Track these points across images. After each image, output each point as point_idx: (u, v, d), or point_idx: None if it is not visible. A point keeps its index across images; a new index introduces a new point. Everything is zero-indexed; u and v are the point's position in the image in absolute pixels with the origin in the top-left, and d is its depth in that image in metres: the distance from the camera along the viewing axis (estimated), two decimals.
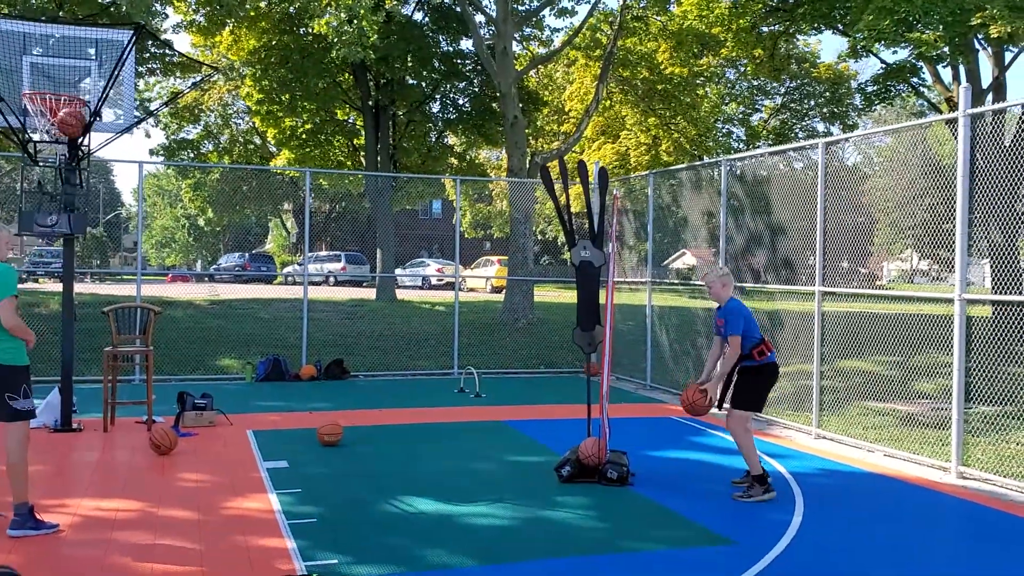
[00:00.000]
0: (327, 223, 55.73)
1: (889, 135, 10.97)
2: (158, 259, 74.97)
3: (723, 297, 7.31)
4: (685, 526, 6.36)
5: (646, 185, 13.83)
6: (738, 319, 7.12)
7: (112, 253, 70.77)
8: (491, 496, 7.01)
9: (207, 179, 49.98)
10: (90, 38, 8.73)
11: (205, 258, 67.88)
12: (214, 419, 9.77)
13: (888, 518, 6.67)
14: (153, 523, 6.15)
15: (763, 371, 7.23)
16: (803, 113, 32.36)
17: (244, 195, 49.38)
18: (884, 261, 27.11)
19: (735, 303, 7.27)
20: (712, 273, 7.43)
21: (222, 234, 64.21)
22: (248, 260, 43.68)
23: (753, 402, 7.23)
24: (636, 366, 14.05)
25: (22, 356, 5.90)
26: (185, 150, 29.82)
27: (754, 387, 7.22)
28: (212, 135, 33.60)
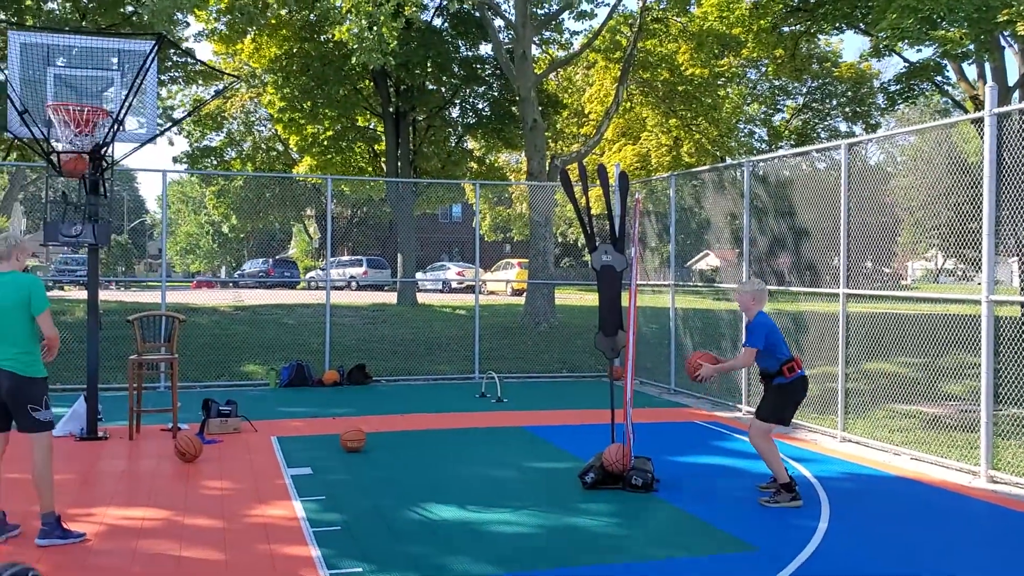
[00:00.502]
0: (349, 228, 55.99)
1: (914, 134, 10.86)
2: (183, 265, 75.58)
3: (751, 312, 7.24)
4: (710, 532, 6.31)
5: (668, 187, 13.78)
6: (759, 334, 7.05)
7: (137, 260, 71.46)
8: (514, 503, 6.99)
9: (231, 186, 50.36)
10: (113, 48, 8.80)
11: (229, 264, 68.35)
12: (239, 426, 9.82)
13: (916, 523, 6.59)
14: (179, 531, 6.18)
15: (794, 388, 7.16)
16: (825, 113, 32.10)
17: (267, 201, 49.72)
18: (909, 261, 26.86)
19: (762, 318, 7.19)
20: (744, 286, 7.39)
21: (246, 240, 64.63)
22: (272, 266, 43.98)
23: (776, 415, 7.17)
24: (660, 369, 13.99)
25: (42, 367, 5.95)
26: (208, 157, 30.01)
27: (781, 401, 7.16)
28: (235, 142, 33.84)
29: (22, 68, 8.51)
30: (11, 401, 5.83)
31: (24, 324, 5.82)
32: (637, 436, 9.16)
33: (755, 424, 7.19)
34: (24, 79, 8.52)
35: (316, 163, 23.55)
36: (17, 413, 5.86)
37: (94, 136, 8.40)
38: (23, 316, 5.81)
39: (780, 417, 7.19)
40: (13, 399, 5.82)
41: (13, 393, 5.80)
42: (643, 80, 23.72)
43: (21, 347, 5.81)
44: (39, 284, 5.89)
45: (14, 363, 5.79)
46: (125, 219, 76.21)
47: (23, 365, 5.82)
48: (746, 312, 7.29)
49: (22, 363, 5.81)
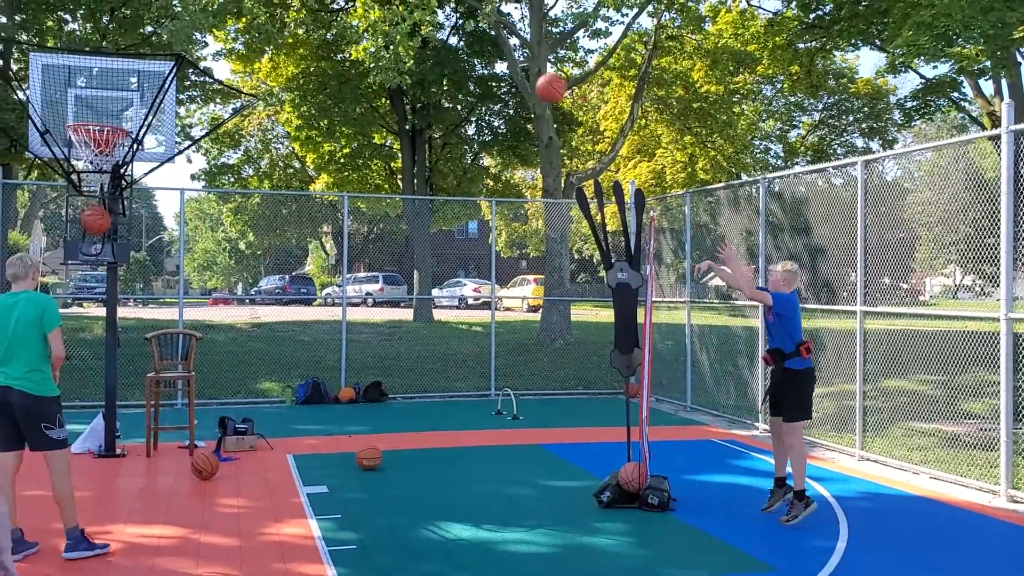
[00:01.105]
0: (365, 245, 56.21)
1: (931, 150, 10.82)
2: (200, 282, 76.02)
3: (780, 291, 7.22)
4: (726, 552, 6.27)
5: (683, 204, 13.77)
6: (781, 296, 7.06)
7: (155, 277, 71.93)
8: (529, 522, 6.98)
9: (248, 203, 50.68)
10: (132, 69, 8.91)
11: (246, 281, 68.67)
12: (255, 443, 9.84)
13: (935, 544, 6.53)
14: (195, 549, 6.20)
15: (806, 378, 7.15)
16: (841, 129, 32.06)
17: (284, 218, 50.00)
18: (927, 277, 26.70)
19: (792, 295, 7.19)
20: (779, 264, 7.38)
21: (263, 257, 64.97)
22: (288, 282, 44.17)
23: (805, 410, 7.15)
24: (676, 387, 13.94)
25: (54, 386, 6.00)
26: (226, 175, 30.27)
27: (803, 395, 7.14)
28: (252, 160, 34.13)
29: (43, 89, 8.63)
30: (24, 420, 5.86)
31: (37, 343, 5.87)
32: (653, 454, 9.13)
33: (790, 427, 7.11)
34: (45, 100, 8.63)
35: (333, 180, 23.68)
36: (30, 432, 5.89)
37: (113, 156, 8.48)
38: (36, 335, 5.87)
39: (807, 408, 7.14)
40: (26, 418, 5.85)
41: (25, 412, 5.84)
42: (658, 97, 23.77)
43: (33, 366, 5.86)
44: (52, 303, 5.95)
45: (25, 382, 5.83)
46: (143, 236, 76.75)
47: (34, 384, 5.86)
48: (775, 288, 7.26)
49: (33, 382, 5.85)
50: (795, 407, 7.11)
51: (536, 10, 18.49)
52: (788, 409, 7.14)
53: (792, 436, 7.13)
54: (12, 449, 5.99)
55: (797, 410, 7.11)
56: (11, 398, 5.82)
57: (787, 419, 7.15)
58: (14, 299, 5.95)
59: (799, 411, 7.12)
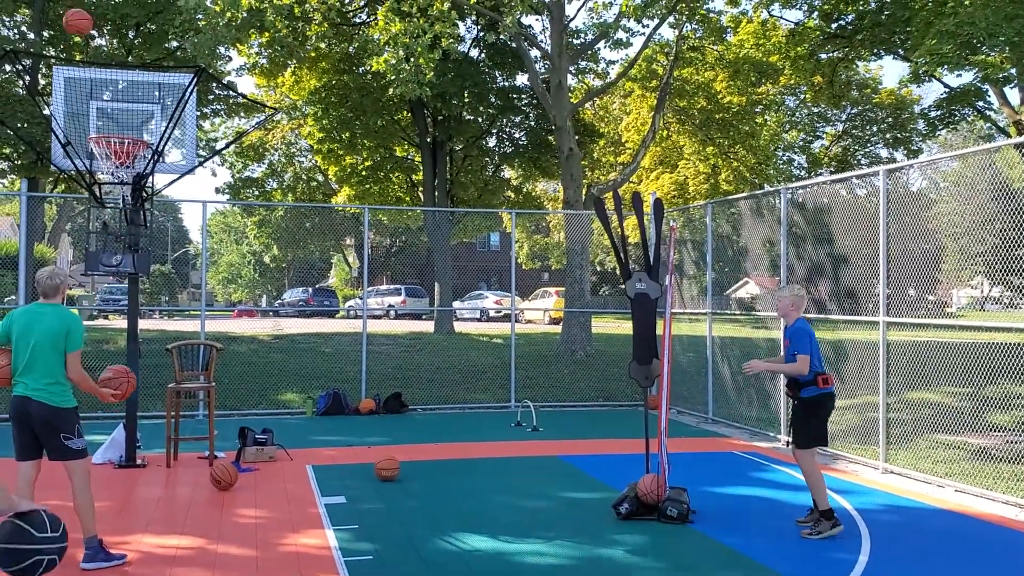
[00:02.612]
0: (387, 257, 56.38)
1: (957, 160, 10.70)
2: (224, 295, 76.53)
3: (791, 317, 7.18)
4: (747, 566, 6.19)
5: (704, 215, 13.70)
6: (804, 340, 6.98)
7: (180, 289, 72.47)
8: (547, 534, 6.92)
9: (272, 216, 51.05)
10: (154, 82, 8.99)
11: (270, 293, 69.06)
12: (274, 454, 9.85)
13: (959, 558, 6.41)
14: (212, 559, 6.19)
15: (823, 403, 7.08)
16: (865, 139, 31.81)
17: (307, 231, 50.34)
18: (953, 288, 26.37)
19: (802, 323, 7.14)
20: (786, 289, 7.33)
21: (287, 270, 65.36)
22: (311, 295, 44.37)
23: (819, 437, 7.09)
24: (697, 399, 13.84)
25: (71, 398, 6.02)
26: (250, 188, 30.49)
27: (817, 421, 7.09)
28: (276, 173, 34.34)
29: (66, 102, 8.72)
30: (42, 431, 5.88)
31: (59, 356, 5.90)
32: (673, 466, 9.05)
33: (802, 453, 7.07)
34: (68, 112, 8.73)
35: (354, 193, 23.78)
36: (48, 443, 5.91)
37: (134, 167, 8.55)
38: (59, 349, 5.90)
39: (821, 436, 7.08)
40: (44, 429, 5.87)
41: (44, 423, 5.86)
42: (679, 108, 23.72)
43: (53, 378, 5.88)
44: (78, 322, 5.97)
45: (43, 393, 5.86)
46: (169, 249, 77.45)
47: (53, 395, 5.87)
48: (785, 318, 7.21)
49: (52, 393, 5.87)
50: (804, 433, 7.06)
51: (557, 21, 18.52)
52: (799, 434, 7.09)
53: (803, 462, 7.07)
54: (31, 458, 6.02)
55: (807, 437, 7.05)
56: (30, 409, 5.85)
57: (798, 444, 7.09)
58: (42, 311, 5.99)
59: (808, 438, 7.06)
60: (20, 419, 5.91)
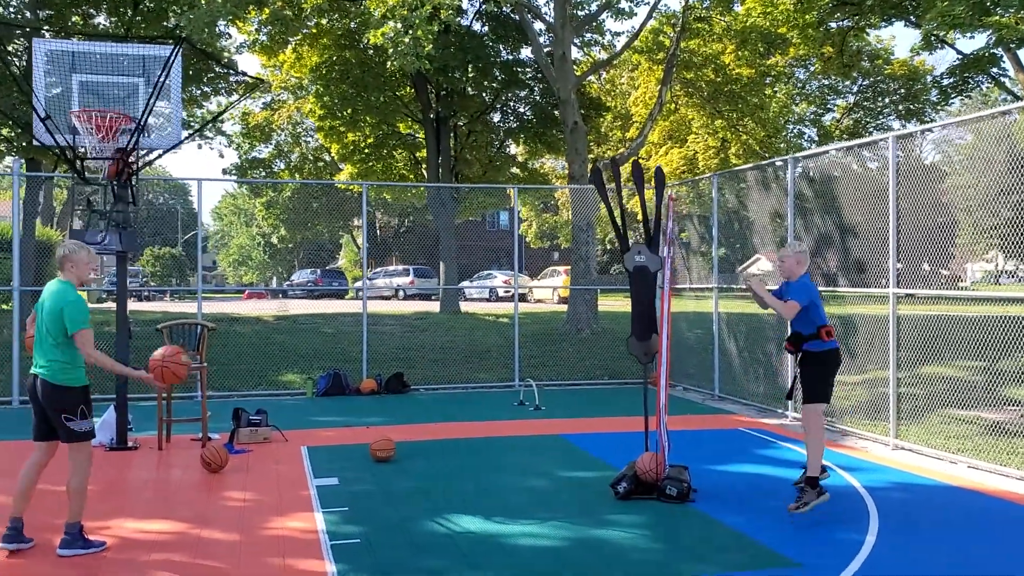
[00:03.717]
0: (396, 238, 56.10)
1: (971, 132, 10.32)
2: (235, 277, 76.54)
3: (795, 273, 6.88)
4: (748, 547, 5.94)
5: (711, 187, 13.37)
6: (802, 292, 6.69)
7: (191, 272, 72.49)
8: (542, 514, 6.69)
9: (280, 197, 50.82)
10: (138, 55, 8.72)
11: (281, 275, 68.97)
12: (269, 435, 9.65)
13: (971, 536, 6.14)
14: (193, 544, 5.99)
15: (827, 359, 6.79)
16: (877, 111, 31.26)
17: (315, 212, 50.03)
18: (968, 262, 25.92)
19: (806, 279, 6.84)
20: (789, 248, 7.01)
21: (295, 251, 65.22)
22: (320, 276, 44.25)
23: (824, 393, 6.80)
24: (704, 376, 13.57)
25: (78, 377, 5.85)
26: (257, 169, 30.23)
27: (822, 377, 6.80)
28: (283, 153, 34.06)
29: (47, 76, 8.47)
30: (48, 409, 5.79)
31: (60, 334, 5.75)
32: (677, 444, 8.79)
33: (808, 408, 6.76)
34: (49, 87, 8.47)
35: (357, 171, 23.49)
36: (55, 422, 5.79)
37: (117, 142, 8.31)
38: (56, 325, 5.75)
39: (826, 393, 6.79)
40: (49, 407, 5.78)
41: (48, 401, 5.77)
42: (687, 80, 23.27)
43: (55, 355, 5.77)
44: (74, 303, 5.74)
45: (46, 371, 5.77)
46: (179, 231, 77.42)
47: (53, 373, 5.76)
48: (789, 275, 6.90)
49: (52, 371, 5.76)
50: (811, 387, 6.77)
51: None
52: (806, 390, 6.80)
53: (808, 420, 6.78)
54: (42, 439, 5.93)
55: (813, 391, 6.76)
56: (37, 386, 5.81)
57: (805, 399, 6.80)
58: (51, 288, 5.90)
59: (815, 393, 6.76)
60: (32, 397, 5.88)
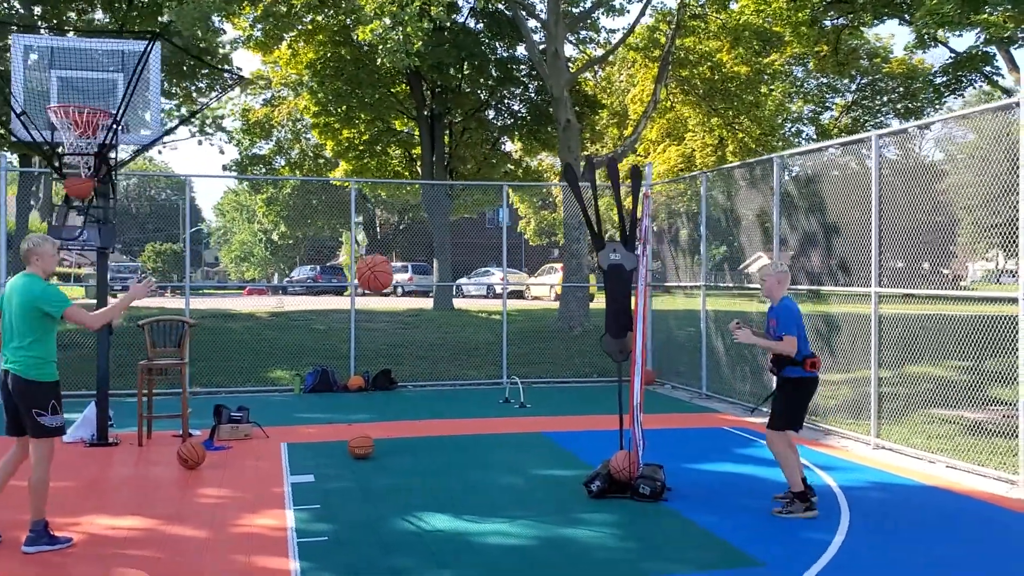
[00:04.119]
0: (396, 234, 56.03)
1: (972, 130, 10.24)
2: (237, 273, 76.54)
3: (776, 295, 6.85)
4: (714, 546, 5.92)
5: (709, 185, 13.30)
6: (791, 320, 6.65)
7: (193, 268, 72.46)
8: (514, 513, 6.68)
9: (280, 194, 50.84)
10: (117, 50, 8.70)
11: (283, 271, 68.97)
12: (250, 432, 9.64)
13: (941, 536, 6.12)
14: (160, 541, 5.98)
15: (805, 385, 6.76)
16: (876, 110, 31.14)
17: (315, 209, 50.02)
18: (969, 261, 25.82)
19: (789, 302, 6.82)
20: (770, 267, 6.98)
21: (296, 248, 65.22)
22: (319, 272, 44.29)
23: (793, 420, 6.77)
24: (692, 374, 13.53)
25: (49, 372, 5.84)
26: (256, 165, 30.21)
27: (794, 404, 6.77)
28: (283, 150, 34.01)
29: (26, 71, 8.45)
30: (19, 404, 5.77)
31: (27, 327, 5.74)
32: (657, 443, 8.80)
33: (773, 434, 6.77)
34: (27, 82, 8.46)
35: (352, 168, 23.47)
36: (25, 417, 5.77)
37: (96, 138, 8.29)
38: (26, 319, 5.73)
39: (797, 420, 6.77)
40: (20, 402, 5.77)
41: (19, 396, 5.76)
42: (683, 78, 23.21)
43: (25, 350, 5.74)
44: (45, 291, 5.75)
45: (16, 365, 5.76)
46: (181, 227, 77.40)
47: (24, 368, 5.74)
48: (770, 295, 6.87)
49: (23, 365, 5.74)
50: (783, 413, 6.75)
51: None
52: (774, 414, 6.79)
53: (774, 444, 6.76)
54: (16, 435, 5.92)
55: (782, 419, 6.74)
56: (8, 381, 5.79)
57: (771, 424, 6.78)
58: (17, 281, 5.87)
59: (782, 419, 6.74)
60: (4, 392, 5.85)
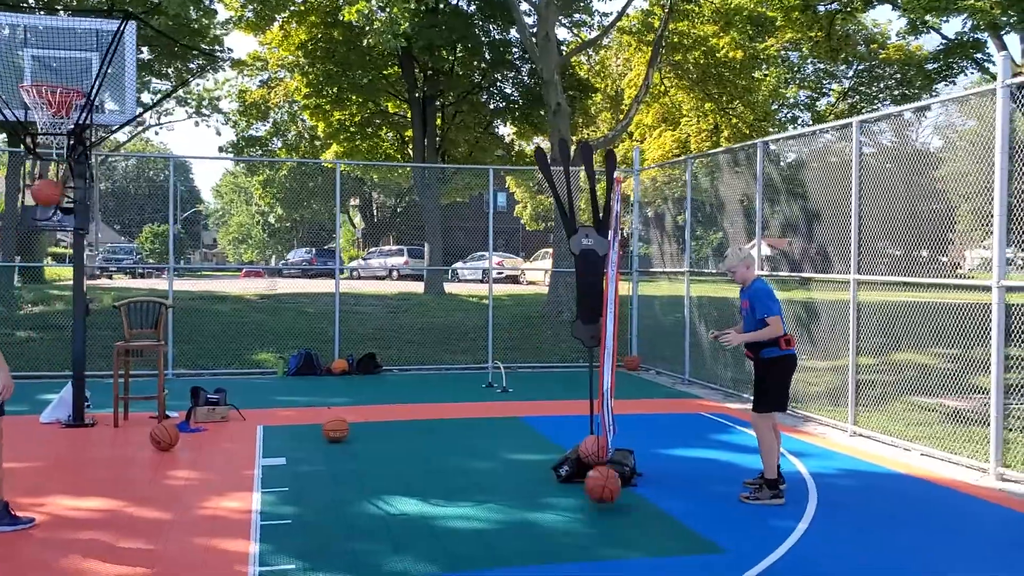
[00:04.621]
0: (393, 217, 55.96)
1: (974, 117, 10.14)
2: (235, 255, 76.52)
3: (748, 278, 6.83)
4: (677, 532, 5.91)
5: (703, 170, 13.24)
6: (768, 301, 6.62)
7: (191, 250, 72.44)
8: (480, 497, 6.67)
9: (276, 176, 50.72)
10: (92, 28, 8.63)
11: (280, 254, 68.94)
12: (226, 414, 9.63)
13: (906, 525, 6.10)
14: (123, 523, 5.97)
15: (785, 364, 6.74)
16: (872, 96, 30.98)
17: (311, 191, 49.98)
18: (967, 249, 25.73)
19: (760, 283, 6.79)
20: (733, 256, 6.93)
21: (294, 230, 65.17)
22: (315, 255, 44.27)
23: (778, 402, 6.75)
24: (676, 359, 13.51)
25: None
26: (253, 147, 30.12)
27: (778, 386, 6.75)
28: (280, 132, 33.88)
29: None
30: None
31: None
32: (635, 428, 8.84)
33: (758, 417, 6.75)
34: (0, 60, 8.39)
35: (343, 150, 23.38)
36: None
37: (70, 118, 8.24)
38: None
39: (782, 400, 6.75)
40: None
41: None
42: (675, 62, 23.08)
43: None
44: None
45: None
46: (178, 208, 77.17)
47: None
48: (742, 281, 6.84)
49: None
50: (767, 395, 6.73)
51: None
52: (758, 397, 6.77)
53: (758, 427, 6.75)
54: None
55: (765, 401, 6.73)
56: None
57: (756, 407, 6.76)
58: None
59: (769, 401, 6.72)
60: None
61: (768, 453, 6.68)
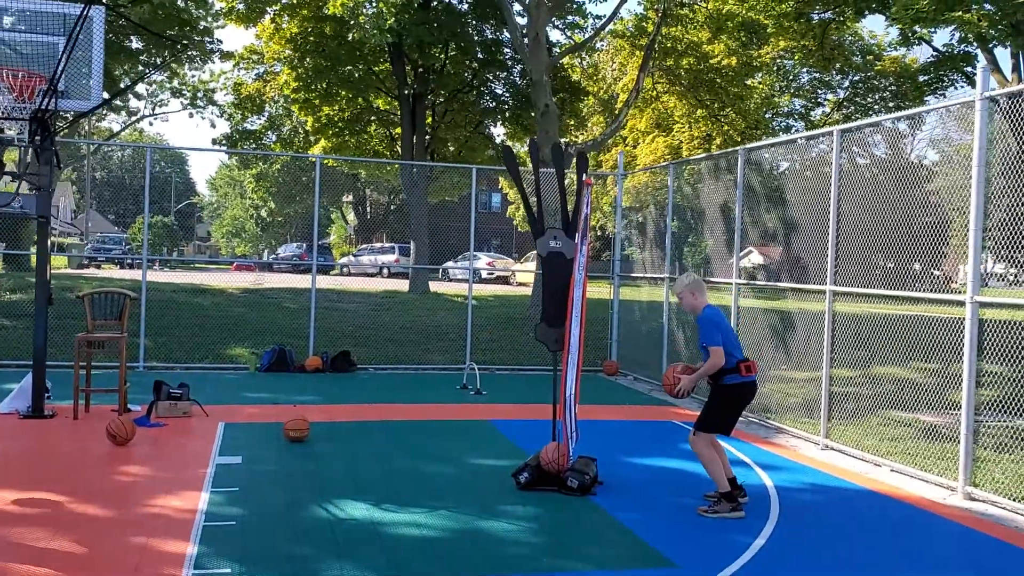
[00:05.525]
0: (387, 215, 55.76)
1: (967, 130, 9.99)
2: (228, 248, 76.26)
3: (698, 306, 6.68)
4: (630, 544, 5.75)
5: (675, 176, 13.09)
6: (711, 329, 6.47)
7: (185, 243, 72.15)
8: (434, 503, 6.50)
9: (269, 170, 50.57)
10: (59, 12, 8.46)
11: (273, 247, 68.72)
12: (188, 410, 9.45)
13: (865, 543, 5.95)
14: (61, 519, 5.80)
15: (742, 391, 6.58)
16: (867, 107, 30.86)
17: (304, 186, 49.79)
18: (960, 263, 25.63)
19: (710, 311, 6.63)
20: (679, 283, 6.81)
21: (287, 225, 64.95)
22: (306, 251, 44.08)
23: (720, 426, 6.60)
24: (655, 366, 13.35)
25: None
26: (247, 140, 29.92)
27: (728, 410, 6.59)
28: (275, 126, 33.67)
29: None
30: None
31: None
32: (604, 435, 8.70)
33: (697, 435, 6.60)
34: None
35: (331, 145, 23.20)
36: None
37: (33, 103, 8.07)
38: None
39: (727, 426, 6.60)
40: None
41: None
42: (667, 68, 22.94)
43: None
44: None
45: None
46: (173, 200, 76.98)
47: None
48: (692, 309, 6.70)
49: None
50: (713, 417, 6.59)
51: None
52: (702, 415, 6.64)
53: (697, 445, 6.59)
54: None
55: (709, 423, 6.59)
56: None
57: (697, 425, 6.62)
58: None
59: (714, 423, 6.59)
60: None
61: (713, 469, 6.53)
